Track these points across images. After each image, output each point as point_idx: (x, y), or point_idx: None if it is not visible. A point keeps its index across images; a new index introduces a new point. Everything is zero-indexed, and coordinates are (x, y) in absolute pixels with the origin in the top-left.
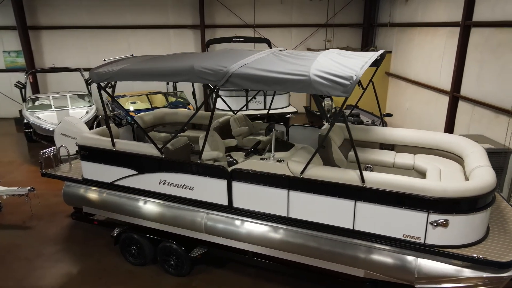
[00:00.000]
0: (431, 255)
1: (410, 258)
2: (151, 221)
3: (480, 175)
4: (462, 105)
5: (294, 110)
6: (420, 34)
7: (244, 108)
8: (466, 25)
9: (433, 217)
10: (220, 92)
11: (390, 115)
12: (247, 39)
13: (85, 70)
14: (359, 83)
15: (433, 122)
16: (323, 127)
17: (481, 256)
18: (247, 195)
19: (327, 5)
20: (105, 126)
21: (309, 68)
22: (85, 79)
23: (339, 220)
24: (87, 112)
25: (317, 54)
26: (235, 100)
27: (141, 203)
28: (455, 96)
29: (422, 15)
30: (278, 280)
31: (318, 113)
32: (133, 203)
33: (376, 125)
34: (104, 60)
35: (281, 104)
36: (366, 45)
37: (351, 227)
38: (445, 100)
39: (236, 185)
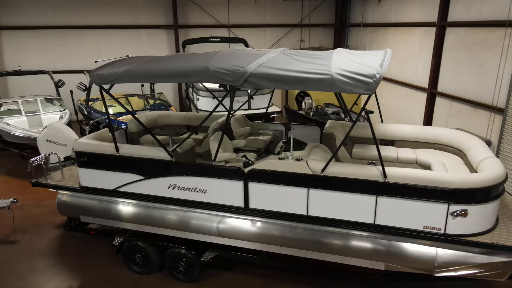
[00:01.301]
0: (450, 244)
1: (430, 248)
2: (158, 227)
3: (491, 166)
4: (439, 101)
5: (278, 109)
6: (395, 33)
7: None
8: (442, 25)
9: (453, 207)
10: (203, 93)
11: (371, 112)
12: (224, 39)
13: (53, 72)
14: None
15: (410, 117)
16: (327, 125)
17: (499, 243)
18: (265, 195)
19: (302, 6)
20: (99, 131)
21: (330, 67)
22: (55, 82)
23: (360, 216)
24: (61, 117)
25: (328, 53)
26: (216, 100)
27: (147, 209)
28: (432, 92)
29: (396, 16)
30: (289, 279)
31: (299, 112)
32: (139, 210)
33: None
34: (96, 62)
35: (264, 104)
36: (339, 45)
37: (372, 222)
38: (422, 96)
39: (253, 185)
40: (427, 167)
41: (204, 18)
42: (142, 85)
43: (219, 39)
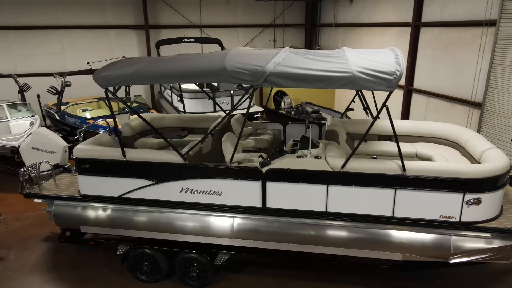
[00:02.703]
0: (465, 231)
1: (446, 236)
2: (169, 232)
3: (496, 156)
4: (416, 97)
5: (261, 109)
6: (368, 33)
7: (212, 110)
8: (417, 25)
9: (468, 196)
10: (186, 95)
11: (352, 109)
12: (198, 40)
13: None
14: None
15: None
16: (329, 123)
17: (511, 227)
18: (283, 194)
19: (274, 6)
20: (96, 136)
21: (350, 65)
22: (20, 86)
23: (378, 209)
24: (31, 123)
25: (337, 52)
26: (200, 102)
27: (157, 215)
28: (409, 89)
29: (369, 16)
30: (301, 277)
31: (279, 111)
32: (147, 216)
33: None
34: (88, 63)
35: (246, 104)
36: (310, 45)
37: (391, 214)
38: (399, 93)
39: (271, 185)
40: (427, 159)
41: (176, 18)
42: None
43: (193, 40)
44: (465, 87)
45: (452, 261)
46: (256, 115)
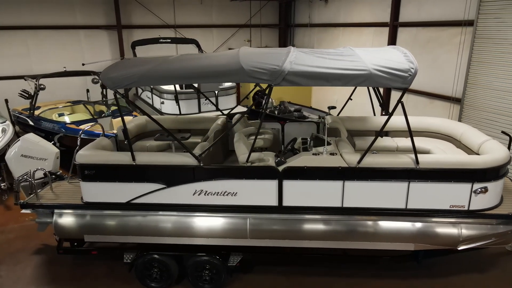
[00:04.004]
0: (473, 218)
1: (456, 225)
2: (182, 236)
3: (496, 147)
4: (395, 94)
5: (245, 109)
6: (344, 33)
7: (196, 111)
8: (394, 25)
9: (476, 186)
10: (168, 96)
11: (334, 107)
12: (175, 40)
13: None
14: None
15: (366, 110)
16: (331, 121)
17: None
18: (300, 192)
19: (250, 6)
20: (96, 141)
21: (365, 63)
22: None
23: (392, 202)
24: (3, 130)
25: (345, 50)
26: (185, 102)
27: (169, 219)
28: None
29: (345, 17)
30: (312, 272)
31: (262, 111)
32: (159, 220)
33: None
34: (83, 65)
35: (230, 104)
36: (284, 45)
37: (404, 206)
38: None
39: (287, 183)
40: (425, 153)
41: (149, 18)
42: (88, 91)
43: (170, 40)
44: (445, 83)
45: (460, 247)
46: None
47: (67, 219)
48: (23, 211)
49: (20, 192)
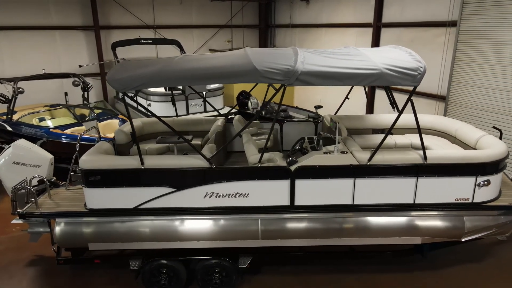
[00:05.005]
0: (476, 210)
1: (461, 217)
2: (192, 240)
3: (494, 141)
4: (379, 93)
5: (234, 110)
6: (327, 33)
7: (185, 112)
8: (378, 25)
9: (480, 179)
10: (155, 98)
11: (320, 106)
12: (156, 41)
13: None
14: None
15: (351, 109)
16: (330, 120)
17: None
18: (311, 191)
19: (231, 6)
20: (96, 145)
21: (375, 63)
22: None
23: (401, 197)
24: None
25: (350, 50)
26: (171, 104)
27: (180, 223)
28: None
29: (328, 17)
30: (320, 270)
31: (247, 111)
32: (168, 225)
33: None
34: (80, 66)
35: (217, 105)
36: (265, 45)
37: (412, 201)
38: (360, 89)
39: (299, 183)
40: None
41: (127, 18)
42: (66, 94)
43: (151, 41)
44: (430, 82)
45: (464, 239)
46: (231, 116)
47: (71, 227)
48: (14, 221)
49: (17, 202)
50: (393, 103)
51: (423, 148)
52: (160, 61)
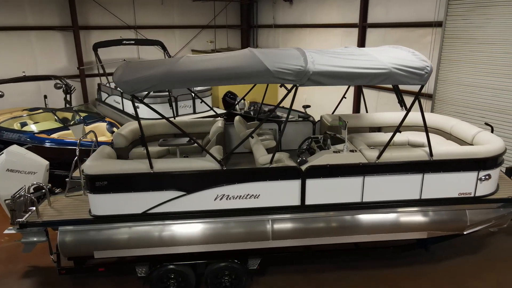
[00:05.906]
0: (478, 204)
1: (464, 211)
2: (201, 244)
3: (491, 137)
4: (367, 92)
5: (224, 111)
6: (312, 34)
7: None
8: (363, 26)
9: (482, 173)
10: (146, 100)
11: (308, 106)
12: (139, 42)
13: None
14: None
15: (338, 110)
16: (332, 119)
17: None
18: (322, 190)
19: (214, 7)
20: (98, 149)
21: (383, 62)
22: None
23: (408, 193)
24: None
25: (355, 50)
26: (160, 106)
27: (191, 226)
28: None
29: (312, 17)
30: (325, 268)
31: (235, 112)
32: (179, 229)
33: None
34: (78, 68)
35: (206, 106)
36: (247, 45)
37: (418, 197)
38: (349, 89)
39: (310, 182)
40: (420, 146)
41: (107, 18)
42: (45, 97)
43: (133, 42)
44: None
45: (466, 231)
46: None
47: (76, 236)
48: (6, 231)
49: (15, 211)
50: (401, 102)
51: (429, 145)
52: (164, 62)
